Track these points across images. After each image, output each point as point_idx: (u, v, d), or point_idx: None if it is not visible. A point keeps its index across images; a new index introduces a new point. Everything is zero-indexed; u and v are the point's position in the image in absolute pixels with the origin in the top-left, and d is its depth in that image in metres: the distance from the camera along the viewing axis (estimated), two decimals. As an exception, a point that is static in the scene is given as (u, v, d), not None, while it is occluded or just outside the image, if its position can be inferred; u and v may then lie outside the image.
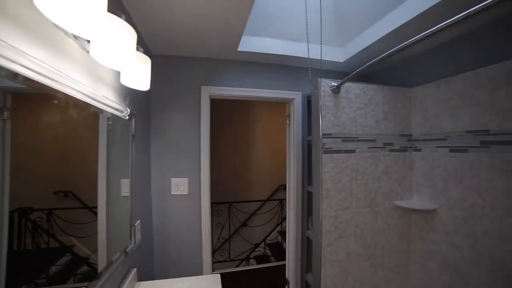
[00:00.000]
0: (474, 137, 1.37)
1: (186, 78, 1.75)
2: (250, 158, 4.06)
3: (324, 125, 1.48)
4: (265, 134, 4.13)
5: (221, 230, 3.30)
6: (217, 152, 3.79)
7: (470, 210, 1.37)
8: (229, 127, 3.93)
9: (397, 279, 1.70)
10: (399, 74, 1.90)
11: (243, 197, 3.74)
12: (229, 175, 3.89)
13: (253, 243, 3.70)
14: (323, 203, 1.46)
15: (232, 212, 3.46)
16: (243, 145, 4.02)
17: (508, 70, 1.23)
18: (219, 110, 3.82)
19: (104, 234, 0.92)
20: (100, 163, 0.90)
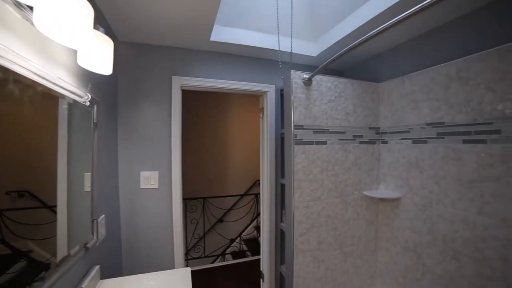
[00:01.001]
0: (432, 129, 1.50)
1: (156, 67, 1.70)
2: (226, 153, 4.08)
3: (296, 116, 1.53)
4: (242, 129, 4.17)
5: (195, 226, 3.26)
6: (192, 147, 3.77)
7: (428, 196, 1.51)
8: (205, 121, 3.92)
9: (365, 265, 1.82)
10: (370, 70, 2.02)
11: (219, 193, 3.75)
12: (204, 170, 3.88)
13: (229, 238, 3.73)
14: (295, 193, 1.52)
15: (207, 208, 3.44)
16: (219, 139, 4.04)
17: (458, 68, 1.36)
18: (194, 103, 3.80)
19: (64, 234, 0.87)
20: (60, 156, 0.85)
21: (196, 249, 3.42)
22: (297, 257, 1.55)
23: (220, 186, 3.95)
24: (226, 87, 1.86)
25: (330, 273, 1.67)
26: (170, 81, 1.73)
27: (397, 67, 1.78)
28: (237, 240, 3.78)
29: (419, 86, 1.58)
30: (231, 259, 3.33)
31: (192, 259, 3.18)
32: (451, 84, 1.41)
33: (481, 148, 1.26)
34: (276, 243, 2.00)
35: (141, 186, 1.63)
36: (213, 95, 3.94)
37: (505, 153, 1.17)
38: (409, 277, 1.63)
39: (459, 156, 1.35)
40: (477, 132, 1.28)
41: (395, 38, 1.69)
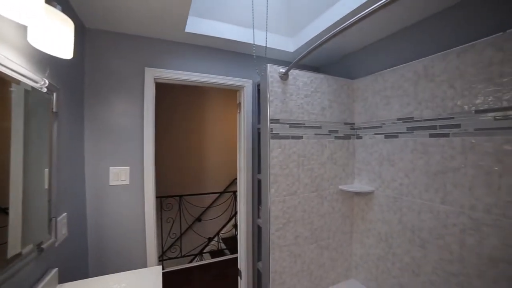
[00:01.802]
0: (402, 124, 1.59)
1: (127, 57, 1.64)
2: (205, 151, 4.05)
3: (272, 110, 1.54)
4: (220, 127, 4.16)
5: (171, 225, 3.17)
6: (168, 143, 3.70)
7: (399, 189, 1.59)
8: (183, 117, 3.87)
9: (341, 258, 1.88)
10: (346, 67, 2.09)
11: (197, 191, 3.70)
12: (182, 168, 3.82)
13: (207, 237, 3.70)
14: (271, 188, 1.53)
15: (183, 206, 3.37)
16: (197, 136, 4.01)
17: (424, 65, 1.45)
18: (172, 99, 3.73)
19: (18, 239, 0.80)
20: (14, 151, 0.78)
21: (172, 249, 3.35)
22: (273, 252, 1.57)
23: (198, 184, 3.92)
24: (202, 81, 1.84)
25: (306, 267, 1.71)
26: (142, 72, 1.67)
27: (372, 65, 1.85)
28: (215, 239, 3.75)
29: (391, 83, 1.66)
30: (210, 258, 3.30)
31: (168, 259, 3.10)
32: (419, 81, 1.49)
33: (444, 141, 1.36)
34: (253, 239, 2.00)
35: (110, 183, 1.55)
36: (191, 91, 3.90)
37: (464, 145, 1.27)
38: (381, 267, 1.71)
39: (426, 149, 1.44)
40: (441, 126, 1.38)
41: (369, 37, 1.76)
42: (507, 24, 1.14)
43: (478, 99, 1.22)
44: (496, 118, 1.16)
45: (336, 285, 1.84)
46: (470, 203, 1.24)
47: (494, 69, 1.17)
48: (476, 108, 1.23)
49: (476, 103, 1.23)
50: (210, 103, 4.11)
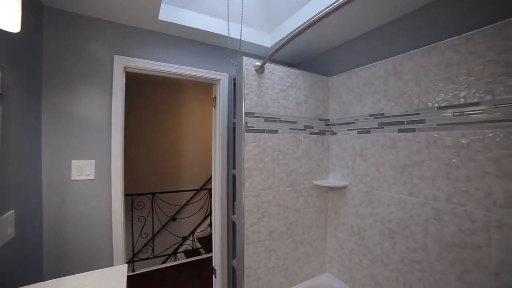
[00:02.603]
0: (374, 120, 1.67)
1: (95, 43, 1.55)
2: (181, 148, 3.99)
3: (247, 103, 1.55)
4: (197, 123, 4.12)
5: (143, 225, 3.05)
6: (142, 139, 3.60)
7: (370, 183, 1.67)
8: (157, 112, 3.79)
9: (316, 252, 1.92)
10: (322, 64, 2.15)
11: (172, 189, 3.62)
12: (156, 165, 3.73)
13: (181, 236, 3.62)
14: (246, 182, 1.53)
15: (156, 205, 3.26)
16: (173, 133, 3.94)
17: (394, 64, 1.54)
18: (146, 93, 3.63)
19: None
20: None
21: (144, 249, 3.24)
22: (247, 247, 1.57)
23: (173, 182, 3.85)
24: (176, 72, 1.79)
25: (281, 262, 1.73)
26: (111, 60, 1.59)
27: (346, 63, 1.93)
28: (190, 238, 3.68)
29: (364, 80, 1.74)
30: (184, 258, 3.23)
31: (140, 261, 2.98)
32: (389, 78, 1.58)
33: (411, 136, 1.44)
34: (228, 236, 1.99)
35: (72, 177, 1.46)
36: (167, 86, 3.82)
37: (428, 139, 1.36)
38: (353, 259, 1.77)
39: (395, 144, 1.52)
40: (408, 122, 1.46)
41: (344, 36, 1.83)
42: (462, 28, 1.25)
43: (439, 97, 1.32)
44: (454, 114, 1.26)
45: (310, 280, 1.88)
46: (432, 194, 1.33)
47: (453, 69, 1.27)
48: (438, 105, 1.33)
49: (438, 100, 1.33)
50: (187, 99, 4.05)
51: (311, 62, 2.28)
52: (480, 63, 1.18)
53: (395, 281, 1.50)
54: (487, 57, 1.16)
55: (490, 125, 1.14)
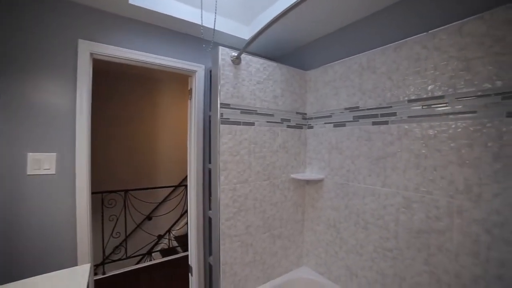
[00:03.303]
0: (349, 113, 1.72)
1: (55, 24, 1.43)
2: (157, 143, 3.89)
3: (223, 94, 1.53)
4: (175, 118, 4.04)
5: (114, 224, 2.92)
6: (115, 134, 3.47)
7: (346, 175, 1.72)
8: (132, 106, 3.67)
9: (293, 246, 1.95)
10: (300, 58, 2.18)
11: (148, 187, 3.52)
12: (130, 161, 3.60)
13: (156, 235, 3.53)
14: (221, 175, 1.52)
15: (130, 203, 3.14)
16: (149, 128, 3.82)
17: (368, 58, 1.60)
18: (120, 86, 3.50)
19: None
20: None
21: (117, 250, 3.11)
22: (223, 242, 1.55)
23: (149, 178, 3.74)
24: (150, 61, 1.72)
25: (259, 257, 1.73)
26: (75, 45, 1.49)
27: (323, 57, 1.96)
28: (166, 236, 3.59)
29: (339, 74, 1.79)
30: (160, 257, 3.14)
31: (111, 262, 2.86)
32: (363, 72, 1.63)
33: (384, 128, 1.51)
34: (204, 233, 1.96)
35: (28, 172, 1.35)
36: (142, 80, 3.71)
37: (399, 132, 1.42)
38: (330, 251, 1.82)
39: (370, 136, 1.58)
40: (382, 114, 1.52)
41: (321, 30, 1.87)
42: (430, 25, 1.32)
43: (409, 90, 1.39)
44: (423, 107, 1.33)
45: (288, 273, 1.91)
46: (403, 184, 1.40)
47: (421, 63, 1.34)
48: (409, 98, 1.39)
49: (408, 93, 1.39)
50: (163, 94, 3.95)
51: (289, 56, 2.30)
52: (444, 59, 1.25)
53: (369, 270, 1.56)
54: (450, 53, 1.23)
55: (453, 117, 1.21)
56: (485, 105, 1.12)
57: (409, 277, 1.36)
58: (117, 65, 1.73)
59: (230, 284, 1.60)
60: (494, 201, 1.08)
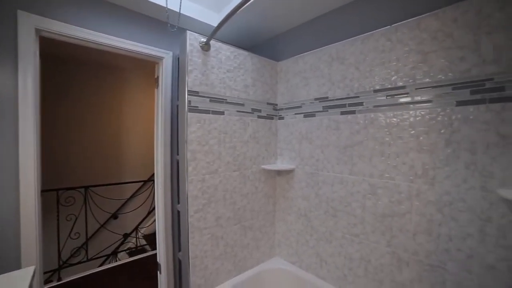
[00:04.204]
0: (319, 103, 1.77)
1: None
2: (124, 137, 3.69)
3: (190, 81, 1.48)
4: (143, 110, 3.86)
5: (73, 224, 2.71)
6: (76, 127, 3.24)
7: (316, 164, 1.77)
8: (94, 97, 3.43)
9: (265, 237, 1.98)
10: (272, 49, 2.18)
11: (113, 182, 3.33)
12: (92, 155, 3.38)
13: (122, 233, 3.37)
14: (189, 166, 1.48)
15: (92, 200, 2.94)
16: (114, 120, 3.60)
17: (337, 49, 1.65)
18: (79, 74, 3.26)
19: None
20: None
21: (77, 252, 2.91)
22: (193, 236, 1.52)
23: (115, 174, 3.55)
24: (111, 44, 1.60)
25: (230, 249, 1.73)
26: (14, 18, 1.31)
27: (295, 47, 1.99)
28: (133, 235, 3.43)
29: (310, 65, 1.83)
30: (127, 257, 3.00)
31: (69, 267, 2.66)
32: (332, 63, 1.69)
33: (352, 118, 1.57)
34: (173, 228, 1.91)
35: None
36: (106, 69, 3.48)
37: (365, 120, 1.50)
38: (301, 240, 1.88)
39: (338, 125, 1.64)
40: (350, 104, 1.59)
41: (293, 20, 1.89)
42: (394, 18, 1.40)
43: (375, 80, 1.47)
44: (387, 96, 1.41)
45: (260, 265, 1.93)
46: (369, 171, 1.48)
47: (386, 55, 1.42)
48: (374, 88, 1.47)
49: (374, 83, 1.47)
50: (130, 84, 3.75)
51: (261, 47, 2.30)
52: (405, 51, 1.34)
53: (338, 256, 1.64)
54: (410, 46, 1.32)
55: (413, 106, 1.31)
56: (439, 95, 1.22)
57: (374, 260, 1.46)
58: (76, 50, 1.59)
59: (200, 279, 1.58)
60: (445, 183, 1.19)
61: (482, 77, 1.10)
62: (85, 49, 1.63)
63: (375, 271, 1.45)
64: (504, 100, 1.05)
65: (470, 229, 1.12)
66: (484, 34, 1.10)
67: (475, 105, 1.12)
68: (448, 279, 1.18)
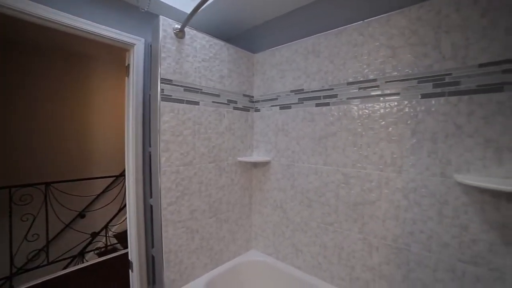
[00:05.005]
0: (295, 96, 1.82)
1: None
2: (92, 130, 3.52)
3: (163, 69, 1.46)
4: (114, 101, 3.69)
5: (30, 225, 2.53)
6: (35, 118, 3.03)
7: (291, 156, 1.83)
8: (58, 86, 3.22)
9: (241, 230, 2.01)
10: (249, 41, 2.20)
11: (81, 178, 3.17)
12: (56, 149, 3.19)
13: (90, 233, 3.22)
14: (162, 157, 1.46)
15: (54, 198, 2.77)
16: (81, 110, 3.43)
17: (313, 43, 1.71)
18: (39, 63, 3.05)
19: None
20: None
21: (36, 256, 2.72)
22: (166, 229, 1.51)
23: (84, 169, 3.37)
24: (76, 26, 1.48)
25: (205, 243, 1.74)
26: None
27: (272, 40, 2.02)
28: (103, 233, 3.28)
29: (286, 58, 1.88)
30: (96, 258, 2.88)
31: (24, 272, 2.48)
32: (308, 56, 1.75)
33: (326, 109, 1.65)
34: (146, 224, 1.86)
35: None
36: (70, 57, 3.28)
37: (339, 112, 1.58)
38: (277, 232, 1.93)
39: (313, 117, 1.71)
40: (324, 96, 1.66)
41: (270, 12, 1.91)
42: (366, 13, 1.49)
43: (348, 73, 1.55)
44: (359, 89, 1.50)
45: (236, 258, 1.96)
46: (342, 161, 1.56)
47: (358, 49, 1.50)
48: (347, 81, 1.55)
49: (347, 76, 1.55)
50: (99, 74, 3.57)
51: (238, 38, 2.30)
52: (376, 46, 1.43)
53: (313, 245, 1.72)
54: (380, 41, 1.41)
55: (383, 99, 1.40)
56: (406, 88, 1.32)
57: (347, 246, 1.55)
58: (37, 35, 1.46)
59: (175, 274, 1.57)
60: (411, 171, 1.30)
61: (442, 72, 1.21)
62: (46, 33, 1.53)
63: (348, 257, 1.54)
64: (460, 94, 1.17)
65: (430, 212, 1.24)
66: (443, 32, 1.21)
67: (436, 98, 1.23)
68: (412, 259, 1.30)
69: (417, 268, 1.28)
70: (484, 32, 1.11)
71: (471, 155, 1.13)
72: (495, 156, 1.08)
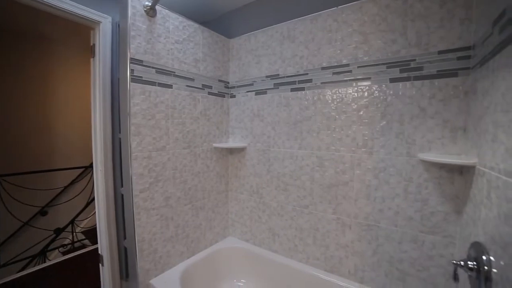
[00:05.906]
0: (270, 81, 1.86)
1: None
2: (52, 117, 3.29)
3: (133, 48, 1.41)
4: (79, 87, 3.48)
5: None
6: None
7: (267, 141, 1.88)
8: (12, 67, 2.96)
9: (218, 217, 2.03)
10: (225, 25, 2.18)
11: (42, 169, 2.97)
12: (13, 139, 2.96)
13: (53, 229, 3.05)
14: (133, 141, 1.42)
15: (7, 193, 2.59)
16: (41, 97, 3.19)
17: (288, 28, 1.75)
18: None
19: None
20: None
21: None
22: (139, 217, 1.49)
23: (44, 161, 3.15)
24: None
25: (181, 231, 1.74)
26: None
27: (248, 25, 2.02)
28: (69, 229, 3.11)
29: (262, 43, 1.90)
30: (61, 256, 2.74)
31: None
32: (283, 41, 1.78)
33: (301, 94, 1.71)
34: (116, 215, 1.82)
35: None
36: (31, 39, 3.01)
37: (314, 96, 1.64)
38: (254, 217, 1.99)
39: (288, 102, 1.76)
40: (299, 81, 1.72)
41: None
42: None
43: (323, 58, 1.61)
44: (333, 73, 1.57)
45: (213, 246, 1.99)
46: (317, 144, 1.64)
47: (332, 35, 1.57)
48: (321, 66, 1.62)
49: (321, 61, 1.62)
50: (63, 58, 3.34)
51: (214, 22, 2.27)
52: (349, 32, 1.50)
53: (289, 228, 1.79)
54: (353, 27, 1.49)
55: (355, 83, 1.49)
56: (376, 72, 1.41)
57: (321, 227, 1.64)
58: None
59: (149, 263, 1.56)
60: (381, 152, 1.40)
61: (408, 58, 1.31)
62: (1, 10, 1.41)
63: (323, 237, 1.64)
64: (423, 78, 1.28)
65: (397, 190, 1.35)
66: (409, 20, 1.30)
67: (403, 82, 1.33)
68: (380, 235, 1.41)
69: (385, 242, 1.40)
70: (442, 22, 1.22)
71: (432, 135, 1.25)
72: (451, 135, 1.21)
